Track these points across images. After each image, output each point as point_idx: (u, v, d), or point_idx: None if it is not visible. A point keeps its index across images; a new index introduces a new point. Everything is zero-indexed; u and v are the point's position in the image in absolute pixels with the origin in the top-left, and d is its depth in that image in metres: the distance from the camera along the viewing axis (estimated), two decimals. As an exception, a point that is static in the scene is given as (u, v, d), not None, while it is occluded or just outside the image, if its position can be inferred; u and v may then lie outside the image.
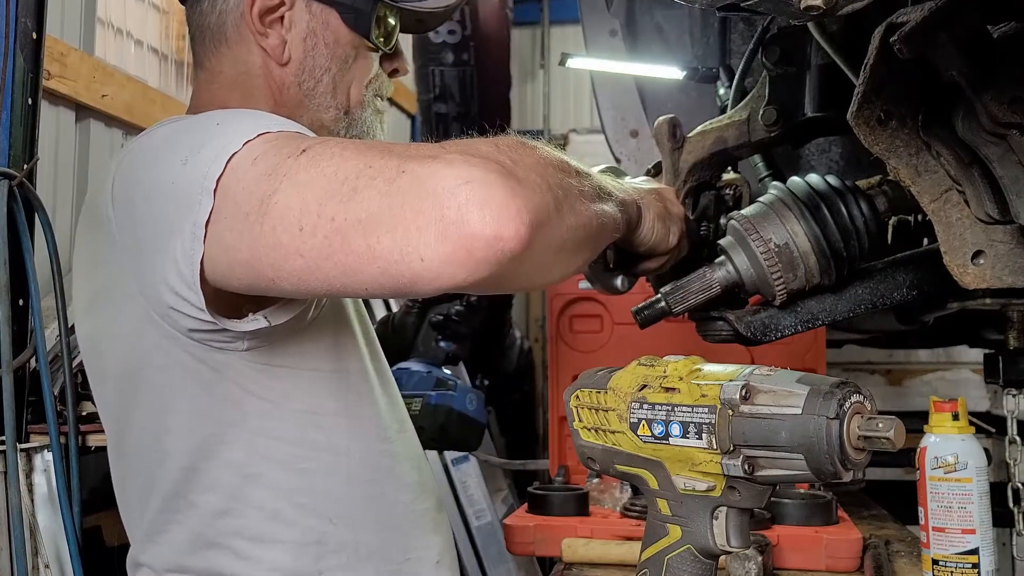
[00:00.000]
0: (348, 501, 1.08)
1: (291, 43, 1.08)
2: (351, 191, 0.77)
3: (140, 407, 1.04)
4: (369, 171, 0.78)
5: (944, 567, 1.23)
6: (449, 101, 3.57)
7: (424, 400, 1.42)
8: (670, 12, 1.85)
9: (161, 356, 0.98)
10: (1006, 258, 0.92)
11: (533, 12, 5.38)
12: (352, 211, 0.77)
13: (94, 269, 1.05)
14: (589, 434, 0.92)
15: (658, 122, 1.23)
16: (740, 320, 1.14)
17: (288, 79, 1.09)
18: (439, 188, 0.74)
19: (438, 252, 0.74)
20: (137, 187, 0.95)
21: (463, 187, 0.74)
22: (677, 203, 1.11)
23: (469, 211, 0.73)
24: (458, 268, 0.74)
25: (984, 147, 0.90)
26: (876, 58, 0.85)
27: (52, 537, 1.60)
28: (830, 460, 0.74)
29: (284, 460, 1.03)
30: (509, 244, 0.74)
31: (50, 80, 2.04)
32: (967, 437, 1.25)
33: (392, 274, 0.77)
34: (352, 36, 1.10)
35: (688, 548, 0.85)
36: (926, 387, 3.63)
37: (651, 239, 1.05)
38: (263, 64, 1.09)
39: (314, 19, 1.08)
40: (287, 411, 1.03)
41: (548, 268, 0.85)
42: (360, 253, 0.77)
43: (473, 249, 0.73)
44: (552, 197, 0.80)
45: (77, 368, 1.79)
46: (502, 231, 0.73)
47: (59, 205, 2.18)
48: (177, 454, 1.02)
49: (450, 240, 0.73)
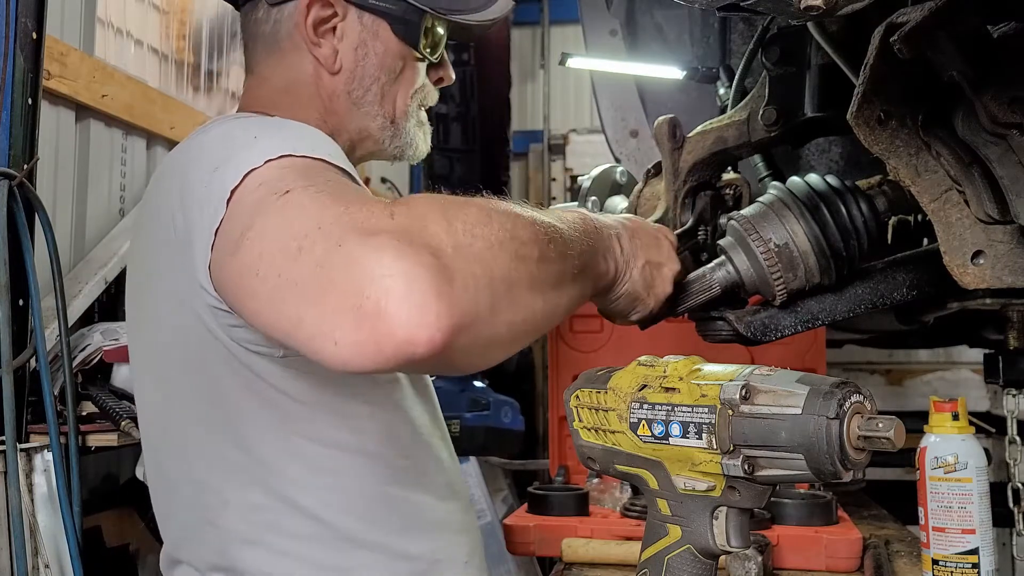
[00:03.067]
0: (378, 502, 1.08)
1: (342, 53, 1.11)
2: (297, 250, 0.77)
3: (182, 402, 1.05)
4: (316, 233, 0.76)
5: (944, 567, 1.23)
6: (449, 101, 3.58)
7: (461, 422, 1.42)
8: (670, 12, 1.85)
9: (208, 353, 0.99)
10: (1006, 258, 0.92)
11: (533, 12, 5.38)
12: (292, 272, 0.77)
13: (147, 258, 1.07)
14: (589, 434, 0.92)
15: (658, 122, 1.24)
16: (740, 320, 1.14)
17: (338, 88, 1.12)
18: (364, 275, 0.72)
19: (349, 339, 0.72)
20: (184, 185, 0.96)
21: (386, 279, 0.71)
22: (668, 284, 1.09)
23: (386, 306, 0.71)
24: (367, 360, 0.72)
25: (984, 147, 0.90)
26: (876, 58, 0.85)
27: (52, 537, 1.60)
28: (830, 460, 0.74)
29: (316, 460, 1.04)
30: (420, 348, 0.71)
31: (50, 80, 2.04)
32: (967, 437, 1.25)
33: (312, 348, 0.76)
34: (401, 47, 1.12)
35: (688, 548, 0.85)
36: (926, 387, 3.63)
37: (609, 306, 1.08)
38: (314, 72, 1.12)
39: (365, 30, 1.11)
40: (320, 413, 1.03)
41: (472, 362, 0.81)
42: (291, 317, 0.77)
43: (382, 346, 0.71)
44: (489, 294, 0.77)
45: (77, 368, 1.79)
46: (414, 335, 0.70)
47: (59, 205, 2.17)
48: (213, 450, 1.04)
49: (363, 331, 0.71)
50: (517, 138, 4.60)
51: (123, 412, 1.69)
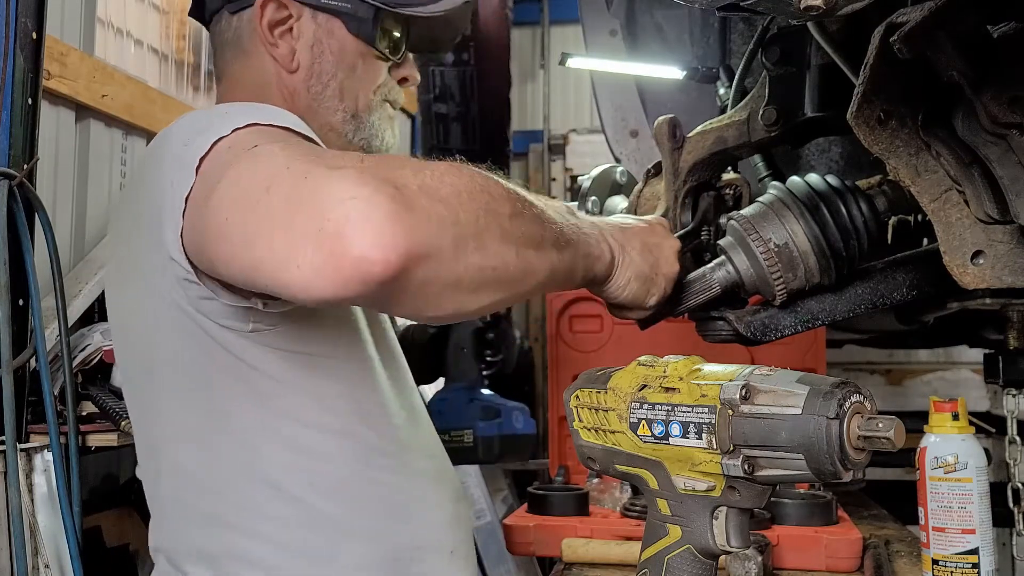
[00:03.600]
0: (354, 484, 1.09)
1: (299, 51, 1.17)
2: (265, 190, 0.80)
3: (163, 387, 1.07)
4: (285, 172, 0.80)
5: (944, 567, 1.24)
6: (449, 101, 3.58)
7: (473, 432, 1.42)
8: (670, 12, 1.84)
9: (182, 335, 1.01)
10: (1006, 258, 0.92)
11: (533, 12, 5.38)
12: (261, 209, 0.80)
13: (122, 247, 1.10)
14: (589, 434, 0.92)
15: (658, 122, 1.23)
16: (740, 320, 1.14)
17: (298, 85, 1.18)
18: (328, 199, 0.75)
19: (311, 262, 0.75)
20: (157, 166, 0.99)
21: (347, 202, 0.74)
22: (672, 261, 1.09)
23: (345, 227, 0.73)
24: (326, 282, 0.74)
25: (984, 147, 0.90)
26: (876, 58, 0.85)
27: (52, 537, 1.60)
28: (830, 460, 0.74)
29: (289, 438, 1.05)
30: (375, 268, 0.73)
31: (50, 80, 2.04)
32: (967, 437, 1.25)
33: (278, 279, 0.78)
34: (357, 44, 1.18)
35: (688, 548, 0.85)
36: (926, 387, 3.63)
37: (623, 296, 1.06)
38: (275, 72, 1.18)
39: (320, 28, 1.17)
40: (292, 391, 1.05)
41: (437, 302, 0.82)
42: (261, 251, 0.79)
43: (340, 266, 0.73)
44: (453, 232, 0.79)
45: (77, 368, 1.79)
46: (369, 253, 0.73)
47: (59, 205, 2.18)
48: (185, 428, 1.05)
49: (322, 252, 0.74)
50: (517, 138, 4.60)
51: (123, 412, 1.69)
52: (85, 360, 1.82)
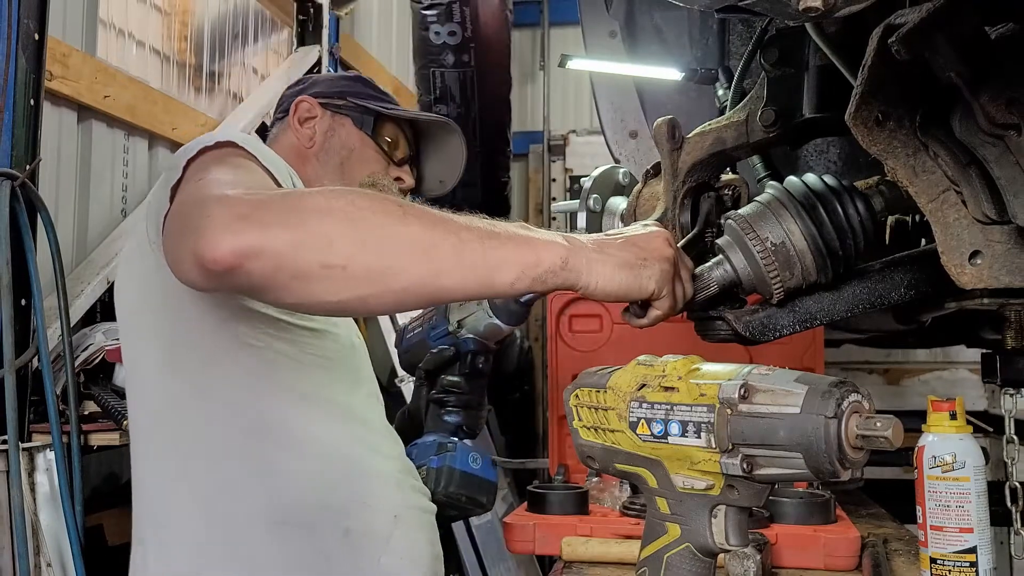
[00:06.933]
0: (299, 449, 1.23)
1: (317, 135, 1.60)
2: (196, 184, 1.06)
3: (152, 377, 1.24)
4: (202, 195, 1.01)
5: (942, 565, 1.24)
6: (450, 102, 3.58)
7: (427, 466, 1.40)
8: (669, 14, 1.85)
9: (167, 312, 1.20)
10: (1003, 258, 0.92)
11: (533, 14, 5.39)
12: (189, 196, 1.04)
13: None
14: (589, 433, 0.93)
15: (657, 123, 1.24)
16: (739, 320, 1.15)
17: (311, 155, 1.60)
18: (200, 218, 0.95)
19: (188, 248, 0.94)
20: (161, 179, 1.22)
21: (204, 219, 0.94)
22: (664, 247, 1.08)
23: (200, 237, 0.93)
24: (189, 267, 0.95)
25: (981, 148, 0.90)
26: (874, 59, 0.86)
27: (54, 536, 1.60)
28: (828, 459, 0.74)
29: (236, 403, 1.21)
30: (210, 266, 0.92)
31: (52, 81, 2.05)
32: (965, 436, 1.25)
33: (177, 269, 0.99)
34: (360, 135, 1.60)
35: (687, 546, 0.86)
36: (924, 386, 3.64)
37: (613, 288, 1.04)
38: (299, 144, 1.61)
39: (335, 121, 1.61)
40: (242, 354, 1.22)
41: (289, 290, 0.95)
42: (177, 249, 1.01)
43: (198, 264, 0.93)
44: (291, 236, 0.93)
45: (79, 367, 1.79)
46: (207, 254, 0.92)
47: (61, 206, 2.18)
48: (148, 403, 1.23)
49: (193, 255, 0.93)
50: (517, 139, 4.60)
51: (125, 411, 1.69)
52: (87, 360, 1.82)
